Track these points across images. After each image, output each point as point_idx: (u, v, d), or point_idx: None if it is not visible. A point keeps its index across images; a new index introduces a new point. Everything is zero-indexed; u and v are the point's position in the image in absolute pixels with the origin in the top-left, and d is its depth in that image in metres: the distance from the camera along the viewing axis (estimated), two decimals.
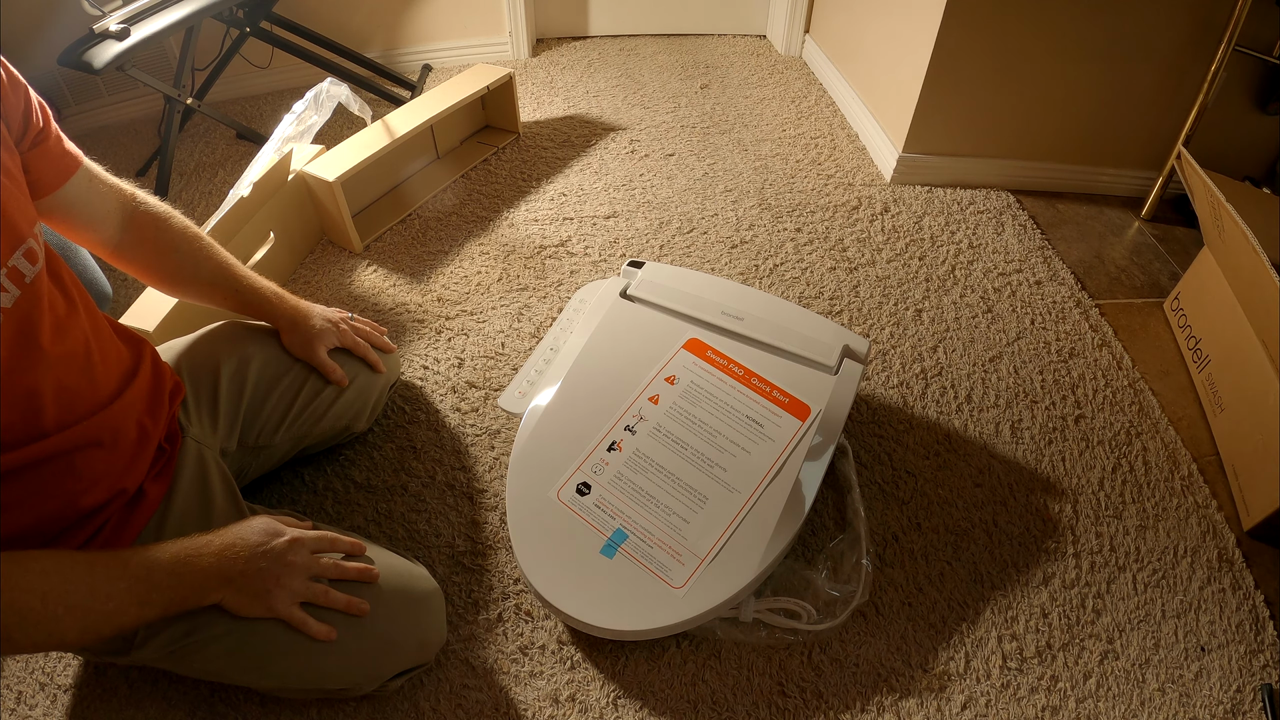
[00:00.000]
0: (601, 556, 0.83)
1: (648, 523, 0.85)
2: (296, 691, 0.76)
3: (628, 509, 0.86)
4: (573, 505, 0.86)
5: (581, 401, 0.95)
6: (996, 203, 1.58)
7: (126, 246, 0.83)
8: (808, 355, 0.99)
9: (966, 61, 1.44)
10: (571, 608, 0.79)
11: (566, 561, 0.82)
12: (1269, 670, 0.86)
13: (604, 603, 0.80)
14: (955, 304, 1.32)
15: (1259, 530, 0.99)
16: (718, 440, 0.92)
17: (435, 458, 1.03)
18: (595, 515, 0.86)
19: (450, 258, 1.37)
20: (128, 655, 0.68)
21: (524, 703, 0.80)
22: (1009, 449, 1.09)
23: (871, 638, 0.87)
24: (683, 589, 0.80)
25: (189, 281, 0.88)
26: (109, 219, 0.80)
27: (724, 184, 1.59)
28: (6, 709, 0.78)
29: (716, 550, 0.83)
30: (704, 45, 2.17)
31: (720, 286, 1.08)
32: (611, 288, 1.09)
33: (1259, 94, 1.48)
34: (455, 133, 1.65)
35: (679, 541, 0.84)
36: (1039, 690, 0.84)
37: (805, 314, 1.05)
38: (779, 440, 0.92)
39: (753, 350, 1.00)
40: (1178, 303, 1.31)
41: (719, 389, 0.96)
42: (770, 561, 0.82)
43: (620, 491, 0.87)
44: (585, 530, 0.84)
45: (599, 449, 0.91)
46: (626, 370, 0.98)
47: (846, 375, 0.98)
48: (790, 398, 0.95)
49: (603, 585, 0.81)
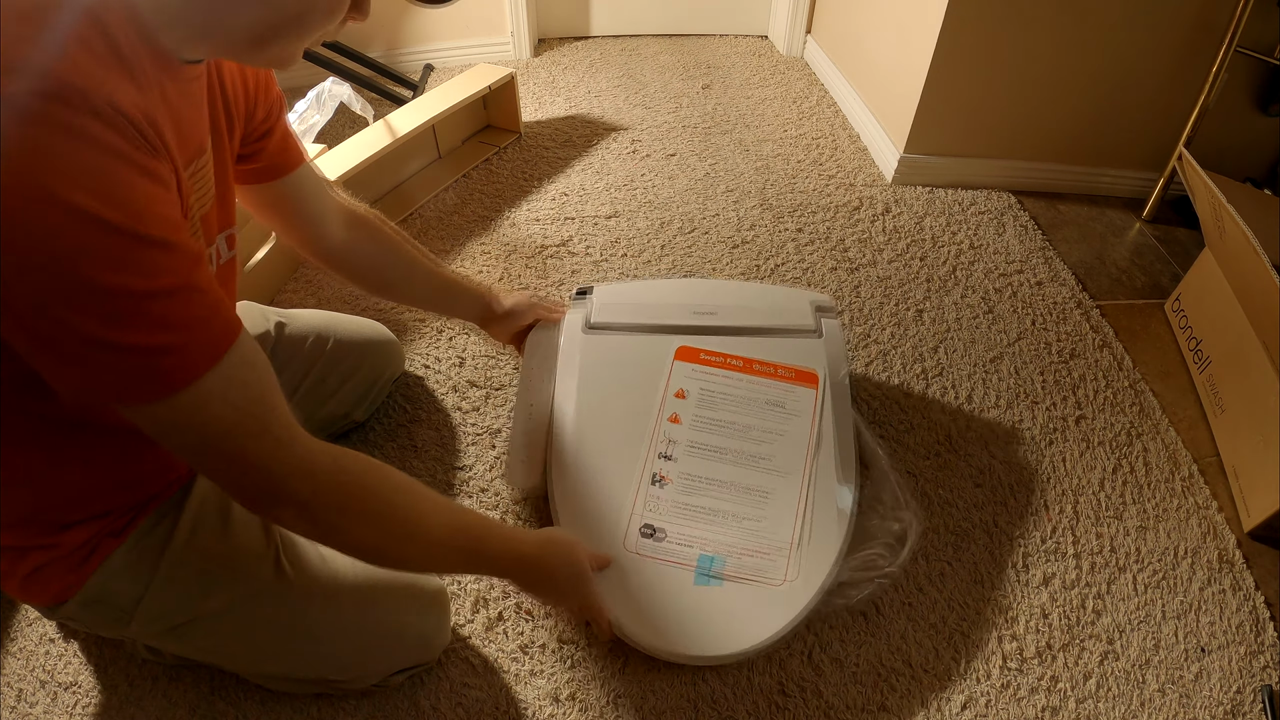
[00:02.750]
0: (697, 587, 0.82)
1: (725, 537, 0.85)
2: (297, 682, 0.76)
3: (700, 532, 0.85)
4: (645, 551, 0.85)
5: (602, 450, 0.90)
6: (997, 203, 1.58)
7: (350, 247, 0.85)
8: (788, 326, 1.01)
9: (968, 62, 1.44)
10: (693, 647, 0.79)
11: (665, 606, 0.81)
12: (1269, 671, 0.86)
13: (720, 629, 0.80)
14: (956, 304, 1.32)
15: (1259, 531, 0.99)
16: (751, 434, 0.92)
17: (436, 456, 1.04)
18: (672, 551, 0.84)
19: (452, 257, 1.38)
20: (125, 628, 0.67)
21: (524, 701, 0.80)
22: (1009, 449, 1.09)
23: (871, 638, 0.87)
24: (785, 583, 0.82)
25: (403, 283, 0.91)
26: (332, 217, 0.83)
27: (725, 184, 1.59)
28: (7, 706, 0.79)
29: (799, 533, 0.85)
30: (705, 45, 2.17)
31: (677, 287, 1.07)
32: (570, 325, 1.01)
33: (1260, 95, 1.48)
34: (457, 132, 1.66)
35: (762, 541, 0.85)
36: (1039, 690, 0.84)
37: (765, 289, 1.06)
38: (804, 413, 0.93)
39: (739, 339, 1.00)
40: (1179, 304, 1.31)
41: (730, 386, 0.96)
42: (849, 522, 0.86)
43: (686, 519, 0.86)
44: (669, 570, 0.83)
45: (643, 487, 0.88)
46: (632, 401, 0.94)
47: (830, 333, 1.01)
48: (795, 370, 0.96)
49: (711, 613, 0.81)
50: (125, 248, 0.42)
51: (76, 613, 0.67)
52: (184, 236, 0.47)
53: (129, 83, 0.45)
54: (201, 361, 0.47)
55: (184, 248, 0.46)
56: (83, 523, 0.63)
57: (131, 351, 0.44)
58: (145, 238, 0.43)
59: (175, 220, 0.47)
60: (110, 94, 0.42)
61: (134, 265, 0.43)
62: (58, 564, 0.63)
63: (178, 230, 0.46)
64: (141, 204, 0.43)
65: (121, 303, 0.43)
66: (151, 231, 0.44)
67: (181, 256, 0.46)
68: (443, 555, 0.67)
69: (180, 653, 0.76)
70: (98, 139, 0.41)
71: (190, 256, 0.47)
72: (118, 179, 0.42)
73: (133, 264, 0.43)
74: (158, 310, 0.44)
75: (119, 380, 0.45)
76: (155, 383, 0.46)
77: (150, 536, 0.66)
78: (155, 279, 0.44)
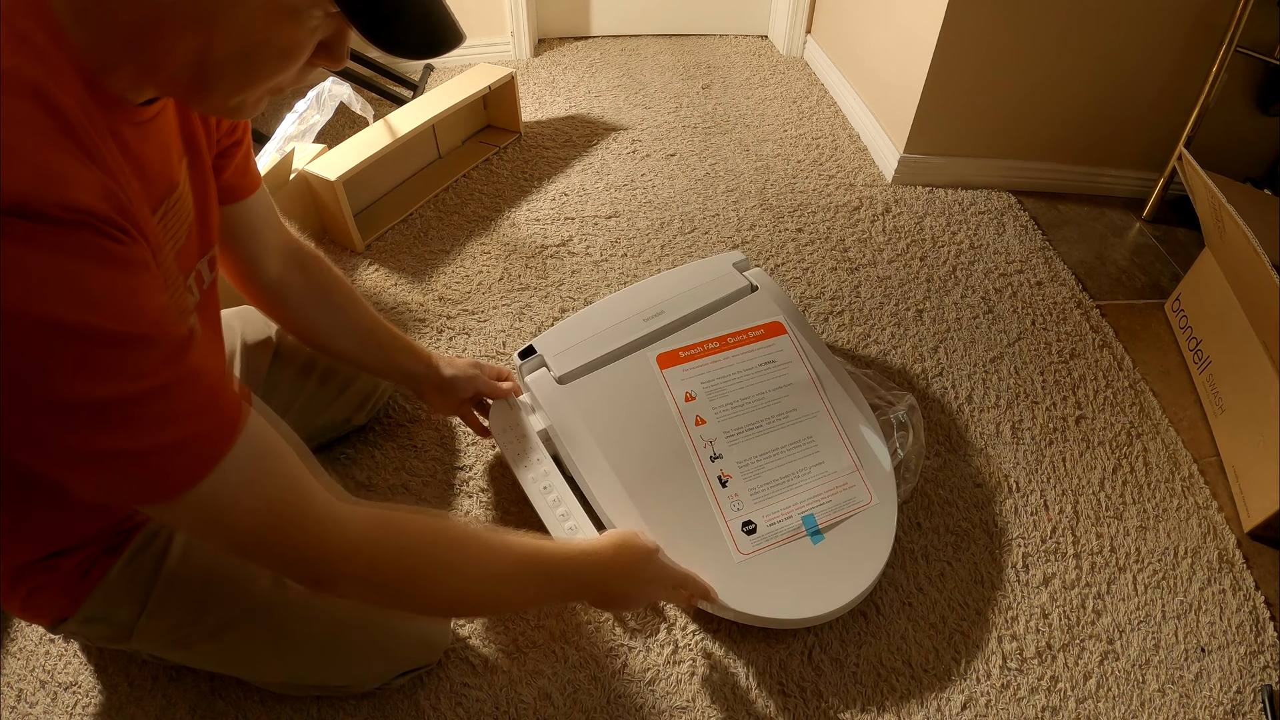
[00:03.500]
0: (816, 546, 0.87)
1: (807, 492, 0.91)
2: (299, 687, 0.76)
3: (785, 501, 0.90)
4: (759, 546, 0.86)
5: (657, 487, 0.89)
6: (998, 203, 1.58)
7: (284, 285, 0.80)
8: (728, 294, 1.05)
9: (968, 62, 1.44)
10: (846, 595, 0.85)
11: (803, 579, 0.85)
12: (1269, 671, 0.86)
13: (852, 568, 0.86)
14: (956, 304, 1.32)
15: (1259, 531, 0.99)
16: (766, 399, 0.96)
17: (436, 456, 1.04)
18: (778, 531, 0.88)
19: (452, 257, 1.38)
20: (127, 642, 0.68)
21: (524, 702, 0.80)
22: (1010, 449, 1.09)
23: (871, 638, 0.87)
24: (874, 497, 0.91)
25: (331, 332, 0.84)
26: (272, 251, 0.78)
27: (725, 184, 1.59)
28: (7, 706, 0.78)
29: (854, 454, 0.94)
30: (705, 45, 2.17)
31: (609, 305, 1.05)
32: (539, 389, 0.96)
33: (1260, 95, 1.48)
34: (457, 132, 1.66)
35: (834, 479, 0.92)
36: (1039, 690, 0.84)
37: (685, 271, 1.10)
38: (794, 358, 1.00)
39: (696, 325, 1.02)
40: (1179, 304, 1.31)
41: (723, 368, 0.98)
42: (877, 425, 0.97)
43: (767, 498, 0.90)
44: (787, 546, 0.87)
45: (717, 494, 0.89)
46: (651, 428, 0.93)
47: (763, 282, 1.07)
48: (761, 327, 1.02)
49: (838, 559, 0.87)
50: (104, 353, 0.40)
51: (78, 629, 0.67)
52: (168, 323, 0.44)
53: (82, 162, 0.41)
54: (208, 455, 0.45)
55: (168, 337, 0.43)
56: (76, 548, 0.63)
57: (130, 456, 0.42)
58: (125, 337, 0.41)
59: (156, 309, 0.43)
60: (63, 191, 0.39)
61: (116, 369, 0.41)
62: (55, 586, 0.64)
63: (160, 319, 0.43)
64: (118, 301, 0.41)
65: (110, 410, 0.41)
66: (132, 329, 0.41)
67: (167, 347, 0.43)
68: (520, 590, 0.66)
69: (182, 663, 0.76)
70: (59, 244, 0.38)
71: (176, 344, 0.44)
72: (88, 281, 0.39)
73: (114, 368, 0.40)
74: (150, 411, 0.42)
75: (126, 485, 0.44)
76: (163, 483, 0.44)
77: (145, 553, 0.67)
78: (141, 379, 0.42)
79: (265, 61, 0.44)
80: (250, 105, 0.48)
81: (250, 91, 0.47)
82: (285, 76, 0.46)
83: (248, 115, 0.49)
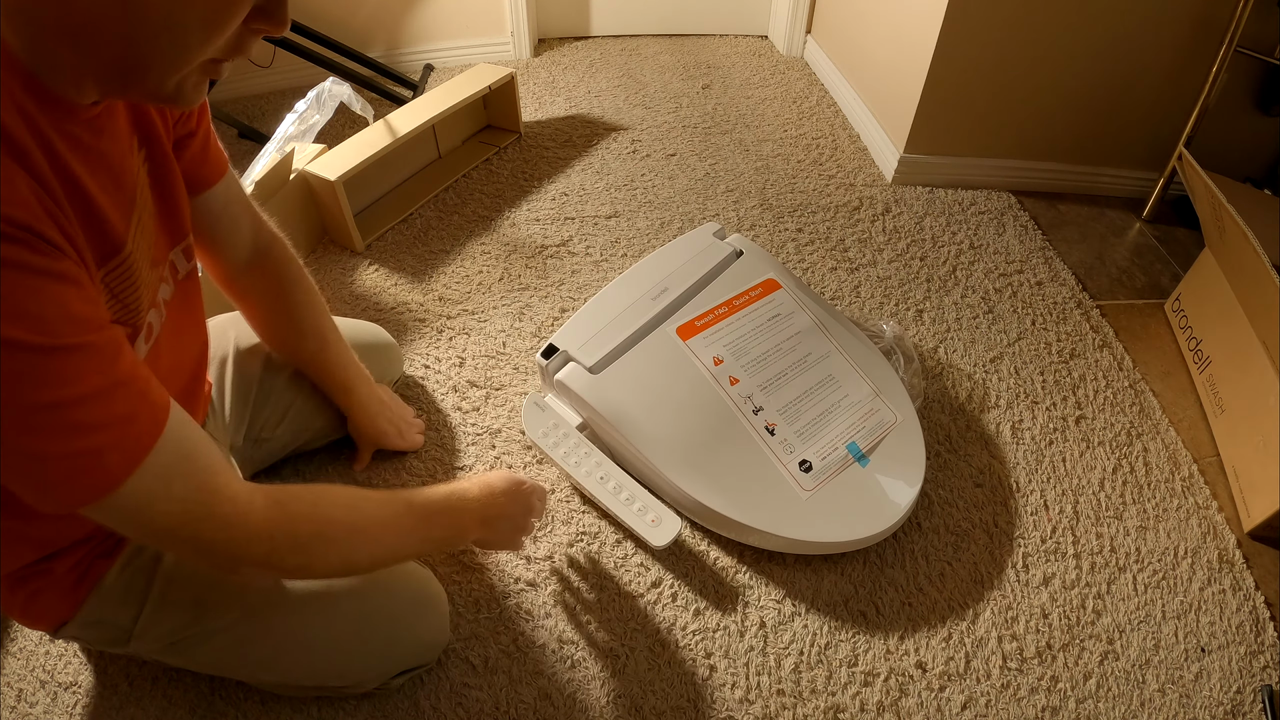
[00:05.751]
0: (865, 469, 0.96)
1: (843, 423, 0.99)
2: (298, 688, 0.76)
3: (829, 431, 0.98)
4: (818, 481, 0.94)
5: (713, 450, 0.95)
6: (997, 203, 1.58)
7: (251, 273, 0.80)
8: (719, 263, 1.12)
9: (968, 62, 1.44)
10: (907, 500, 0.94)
11: (867, 503, 0.93)
12: (1269, 671, 0.86)
13: (903, 476, 0.96)
14: (956, 304, 1.32)
15: (1259, 531, 0.99)
16: (783, 348, 1.04)
17: (436, 457, 1.03)
18: (830, 460, 0.96)
19: (452, 257, 1.38)
20: (126, 645, 0.68)
21: (524, 702, 0.80)
22: (1009, 449, 1.09)
23: (871, 638, 0.87)
24: (899, 416, 1.01)
25: (294, 331, 0.85)
26: (241, 238, 0.78)
27: (725, 184, 1.59)
28: (7, 706, 0.79)
29: (873, 384, 1.04)
30: (705, 45, 2.17)
31: (619, 289, 1.09)
32: (574, 382, 0.98)
33: (1260, 95, 1.48)
34: (457, 132, 1.66)
35: (863, 407, 1.01)
36: (1039, 690, 0.84)
37: (673, 248, 1.15)
38: (797, 309, 1.09)
39: (700, 295, 1.08)
40: (1179, 304, 1.31)
41: (739, 328, 1.05)
42: (881, 354, 1.08)
43: (812, 436, 0.98)
44: (841, 475, 0.95)
45: (768, 443, 0.96)
46: (692, 396, 0.98)
47: (746, 246, 1.15)
48: (758, 286, 1.10)
49: (887, 476, 0.96)
50: (35, 362, 0.41)
51: (78, 633, 0.68)
52: (100, 330, 0.46)
53: (20, 174, 0.42)
54: (132, 458, 0.47)
55: (100, 345, 0.45)
56: (70, 548, 0.64)
57: (58, 459, 0.44)
58: (57, 348, 0.42)
59: (89, 316, 0.45)
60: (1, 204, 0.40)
61: (46, 377, 0.42)
62: (51, 590, 0.64)
63: (92, 327, 0.45)
64: (49, 312, 0.42)
65: (39, 415, 0.42)
66: (63, 340, 0.42)
67: (98, 355, 0.45)
68: (402, 540, 0.67)
69: (182, 666, 0.76)
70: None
71: (109, 351, 0.46)
72: (19, 292, 0.40)
73: (44, 376, 0.42)
74: (77, 416, 0.44)
75: (52, 487, 0.45)
76: (90, 486, 0.46)
77: (141, 556, 0.67)
78: (71, 386, 0.43)
79: (192, 32, 0.43)
80: (190, 90, 0.48)
81: (184, 69, 0.46)
82: (218, 47, 0.45)
83: (190, 102, 0.49)
